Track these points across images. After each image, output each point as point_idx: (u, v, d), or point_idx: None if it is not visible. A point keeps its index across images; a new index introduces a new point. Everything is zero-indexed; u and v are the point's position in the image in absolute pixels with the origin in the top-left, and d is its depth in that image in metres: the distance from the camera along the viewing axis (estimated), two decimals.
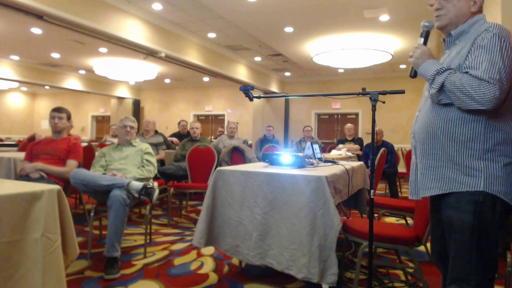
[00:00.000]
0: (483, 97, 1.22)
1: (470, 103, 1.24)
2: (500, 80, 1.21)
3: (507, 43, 1.28)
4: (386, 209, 3.08)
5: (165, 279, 2.44)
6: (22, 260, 1.48)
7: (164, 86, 13.65)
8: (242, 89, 2.18)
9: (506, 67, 1.24)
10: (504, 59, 1.25)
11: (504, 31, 1.30)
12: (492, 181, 1.27)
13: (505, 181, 1.26)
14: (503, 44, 1.27)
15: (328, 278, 1.97)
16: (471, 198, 1.29)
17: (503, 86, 1.22)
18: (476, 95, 1.23)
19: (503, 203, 1.28)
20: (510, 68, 1.25)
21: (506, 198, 1.27)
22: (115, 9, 5.67)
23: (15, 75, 10.11)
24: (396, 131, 10.59)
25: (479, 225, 1.28)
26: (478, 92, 1.22)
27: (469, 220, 1.29)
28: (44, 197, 1.55)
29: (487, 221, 1.28)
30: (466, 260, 1.30)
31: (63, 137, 3.25)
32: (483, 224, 1.28)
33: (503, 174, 1.26)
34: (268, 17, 6.16)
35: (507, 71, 1.24)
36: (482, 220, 1.28)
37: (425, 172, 1.40)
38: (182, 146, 5.01)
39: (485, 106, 1.22)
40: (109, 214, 2.60)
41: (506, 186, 1.26)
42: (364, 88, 1.91)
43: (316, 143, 3.42)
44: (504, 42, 1.28)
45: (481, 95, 1.22)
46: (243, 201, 2.29)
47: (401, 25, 6.37)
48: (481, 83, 1.22)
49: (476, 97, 1.23)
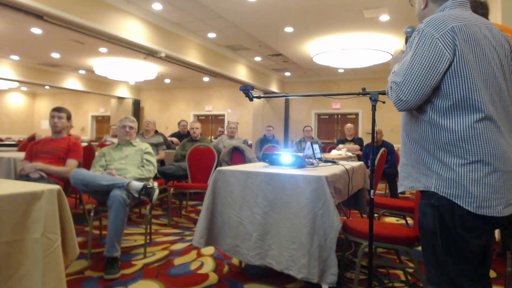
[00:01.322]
0: (392, 100, 1.26)
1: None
2: (403, 83, 1.20)
3: (425, 39, 1.19)
4: (386, 209, 3.08)
5: (165, 279, 2.44)
6: (22, 260, 1.48)
7: (164, 86, 13.65)
8: (242, 89, 2.18)
9: (414, 68, 1.19)
10: (415, 59, 1.20)
11: (429, 26, 1.20)
12: (443, 182, 1.19)
13: (459, 184, 1.17)
14: (419, 41, 1.21)
15: (328, 278, 1.97)
16: (428, 201, 1.25)
17: (405, 89, 1.20)
18: (390, 98, 1.28)
19: (461, 207, 1.18)
20: (420, 67, 1.18)
21: (460, 201, 1.17)
22: (115, 9, 5.67)
23: (15, 75, 10.11)
24: (396, 131, 10.58)
25: (439, 228, 1.22)
26: (390, 95, 1.27)
27: (427, 222, 1.26)
28: (44, 197, 1.55)
29: (446, 224, 1.21)
30: (430, 264, 1.28)
31: (63, 136, 3.25)
32: (441, 227, 1.22)
33: (455, 176, 1.17)
34: (268, 17, 6.16)
35: (414, 71, 1.19)
36: (441, 223, 1.22)
37: (400, 170, 1.40)
38: (182, 146, 5.01)
39: (397, 108, 1.25)
40: (109, 214, 2.60)
41: (459, 189, 1.16)
42: (364, 88, 1.91)
43: (316, 143, 3.42)
44: (422, 38, 1.20)
45: (391, 98, 1.26)
46: (243, 201, 2.29)
47: (401, 25, 6.37)
48: (391, 86, 1.26)
49: (391, 99, 1.27)
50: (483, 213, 1.15)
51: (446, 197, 1.19)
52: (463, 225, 1.18)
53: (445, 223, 1.21)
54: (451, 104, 1.18)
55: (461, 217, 1.18)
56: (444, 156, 1.20)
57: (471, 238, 1.19)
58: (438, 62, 1.17)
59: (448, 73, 1.18)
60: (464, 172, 1.16)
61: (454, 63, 1.17)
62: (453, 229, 1.20)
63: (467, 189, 1.16)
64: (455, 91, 1.18)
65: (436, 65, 1.17)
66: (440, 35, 1.17)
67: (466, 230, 1.19)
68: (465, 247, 1.20)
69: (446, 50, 1.17)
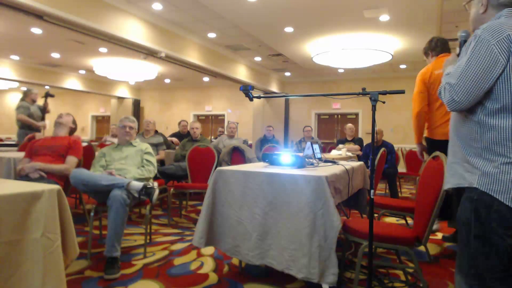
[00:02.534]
0: (445, 100, 1.33)
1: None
2: (457, 85, 1.28)
3: (481, 44, 1.26)
4: (386, 209, 3.08)
5: (165, 279, 2.44)
6: (22, 260, 1.48)
7: (164, 86, 13.65)
8: (242, 89, 2.18)
9: (469, 71, 1.26)
10: (470, 63, 1.26)
11: (486, 32, 1.27)
12: (485, 179, 1.26)
13: (500, 180, 1.24)
14: (475, 46, 1.27)
15: (328, 278, 1.97)
16: (469, 195, 1.31)
17: (459, 90, 1.27)
18: (443, 98, 1.35)
19: (501, 203, 1.25)
20: (475, 71, 1.25)
21: (501, 197, 1.24)
22: (115, 9, 5.67)
23: (15, 75, 10.11)
24: (396, 131, 10.59)
25: (473, 221, 1.28)
26: (442, 95, 1.35)
27: (463, 215, 1.32)
28: (44, 197, 1.55)
29: (480, 218, 1.26)
30: (462, 256, 1.34)
31: (63, 135, 3.30)
32: (478, 221, 1.27)
33: (498, 173, 1.24)
34: (268, 17, 6.16)
35: (469, 74, 1.26)
36: (478, 218, 1.27)
37: (447, 168, 1.47)
38: (182, 146, 5.01)
39: (448, 108, 1.33)
40: (109, 214, 2.60)
41: (500, 185, 1.24)
42: (364, 88, 1.91)
43: (316, 143, 3.42)
44: (479, 43, 1.27)
45: (444, 98, 1.34)
46: (243, 201, 2.29)
47: (401, 25, 6.37)
48: (445, 87, 1.33)
49: (443, 99, 1.35)
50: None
51: (487, 192, 1.25)
52: (499, 220, 1.23)
53: (480, 217, 1.26)
54: (501, 107, 1.25)
55: (498, 212, 1.23)
56: (489, 155, 1.27)
57: (504, 234, 1.22)
58: (492, 67, 1.24)
59: (501, 78, 1.24)
60: (507, 169, 1.23)
61: (507, 69, 1.23)
62: (488, 224, 1.25)
63: (508, 186, 1.22)
64: (506, 95, 1.24)
65: (490, 70, 1.24)
66: (496, 42, 1.23)
67: (501, 225, 1.23)
68: (497, 243, 1.24)
69: (501, 56, 1.23)
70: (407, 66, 9.62)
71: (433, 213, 1.98)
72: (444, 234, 3.65)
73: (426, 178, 2.24)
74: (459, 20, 6.15)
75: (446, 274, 2.66)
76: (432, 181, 2.08)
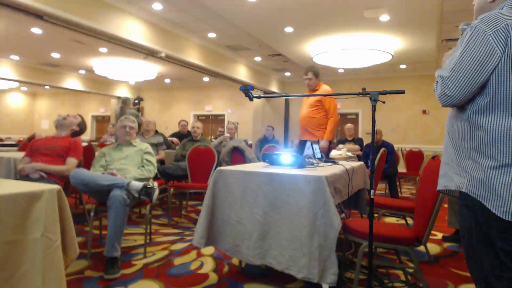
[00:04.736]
0: (436, 94, 1.24)
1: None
2: (449, 78, 1.20)
3: (477, 35, 1.17)
4: (386, 209, 3.08)
5: (165, 279, 2.44)
6: (22, 260, 1.48)
7: (164, 86, 13.65)
8: (242, 89, 2.18)
9: (463, 63, 1.18)
10: (465, 54, 1.18)
11: (483, 22, 1.18)
12: (474, 184, 1.19)
13: (488, 186, 1.16)
14: (471, 37, 1.18)
15: (328, 278, 1.97)
16: (464, 202, 1.26)
17: (451, 84, 1.19)
18: (436, 92, 1.26)
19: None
20: (469, 63, 1.17)
21: (489, 204, 1.16)
22: (115, 9, 5.67)
23: (15, 75, 10.11)
24: (396, 131, 10.59)
25: (474, 227, 1.23)
26: (435, 89, 1.26)
27: (464, 221, 1.27)
28: (44, 197, 1.55)
29: (480, 224, 1.21)
30: (471, 261, 1.29)
31: (64, 135, 3.30)
32: (476, 226, 1.22)
33: (486, 178, 1.16)
34: (268, 17, 6.16)
35: (462, 67, 1.18)
36: (476, 223, 1.22)
37: (440, 168, 1.41)
38: (182, 146, 5.01)
39: (441, 103, 1.24)
40: (109, 214, 2.60)
41: (488, 191, 1.16)
42: (364, 88, 1.91)
43: (316, 143, 3.42)
44: (475, 34, 1.18)
45: (436, 93, 1.25)
46: (243, 201, 2.29)
47: (401, 25, 6.37)
48: (437, 81, 1.25)
49: (435, 93, 1.26)
50: (510, 219, 1.12)
51: (476, 198, 1.18)
52: (499, 223, 1.16)
53: (479, 222, 1.20)
54: (492, 103, 1.16)
55: (495, 216, 1.16)
56: (477, 157, 1.19)
57: (506, 238, 1.16)
58: (488, 59, 1.15)
59: (495, 71, 1.16)
60: (495, 174, 1.15)
61: (502, 61, 1.15)
62: (488, 229, 1.19)
63: (497, 192, 1.14)
64: (498, 90, 1.16)
65: (486, 62, 1.15)
66: (493, 32, 1.15)
67: (501, 229, 1.17)
68: (501, 246, 1.18)
69: (497, 47, 1.14)
70: (407, 66, 9.62)
71: (433, 213, 1.98)
72: (444, 234, 3.65)
73: (426, 178, 2.24)
74: (459, 20, 6.15)
75: (446, 274, 2.66)
76: (432, 181, 2.08)
